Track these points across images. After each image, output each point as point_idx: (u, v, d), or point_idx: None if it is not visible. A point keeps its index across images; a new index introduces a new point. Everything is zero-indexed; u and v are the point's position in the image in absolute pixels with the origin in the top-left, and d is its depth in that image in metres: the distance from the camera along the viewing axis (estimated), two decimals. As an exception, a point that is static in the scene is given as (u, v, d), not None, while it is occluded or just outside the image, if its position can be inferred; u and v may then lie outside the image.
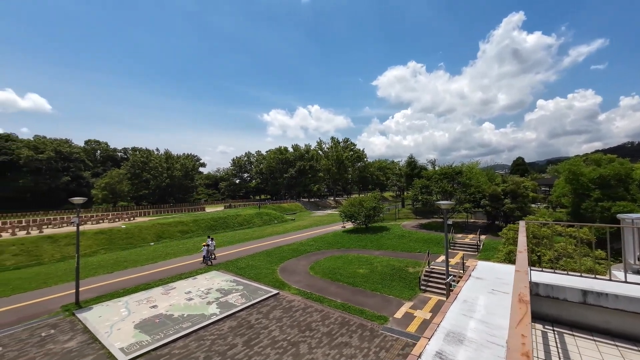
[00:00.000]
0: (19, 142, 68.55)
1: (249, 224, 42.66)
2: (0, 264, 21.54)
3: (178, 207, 62.15)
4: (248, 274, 18.70)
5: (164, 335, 10.93)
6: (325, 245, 27.05)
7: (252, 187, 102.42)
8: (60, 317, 12.85)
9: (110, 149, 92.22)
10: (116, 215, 41.98)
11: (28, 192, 63.65)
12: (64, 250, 24.95)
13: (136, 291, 15.84)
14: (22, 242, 24.15)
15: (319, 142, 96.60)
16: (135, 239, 30.09)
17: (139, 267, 21.21)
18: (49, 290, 16.71)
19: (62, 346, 10.47)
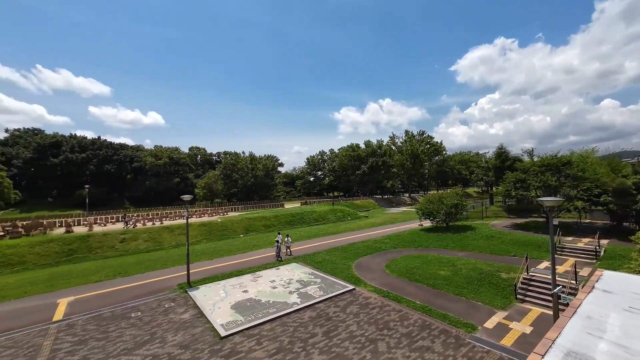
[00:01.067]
0: (145, 151, 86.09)
1: (323, 220, 44.17)
2: (136, 248, 27.55)
3: (261, 203, 68.59)
4: (325, 268, 19.43)
5: (254, 317, 12.29)
6: (401, 244, 26.07)
7: (326, 185, 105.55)
8: (177, 293, 15.73)
9: (208, 153, 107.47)
10: (214, 211, 48.94)
11: (152, 191, 79.37)
12: (178, 239, 30.34)
13: (230, 277, 18.20)
14: (150, 232, 30.38)
15: (392, 136, 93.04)
16: (228, 231, 34.48)
17: (232, 255, 24.26)
18: (168, 270, 20.58)
19: (180, 317, 12.81)
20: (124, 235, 28.62)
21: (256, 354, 9.71)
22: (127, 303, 14.65)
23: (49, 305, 14.85)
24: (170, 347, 10.33)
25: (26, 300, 15.81)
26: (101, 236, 27.61)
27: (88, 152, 72.26)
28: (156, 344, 10.58)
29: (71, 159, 69.38)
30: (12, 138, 77.70)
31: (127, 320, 12.69)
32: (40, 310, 14.17)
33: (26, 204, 64.62)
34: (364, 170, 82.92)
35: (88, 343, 10.85)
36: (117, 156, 76.28)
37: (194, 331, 11.44)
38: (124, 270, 20.71)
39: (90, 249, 25.77)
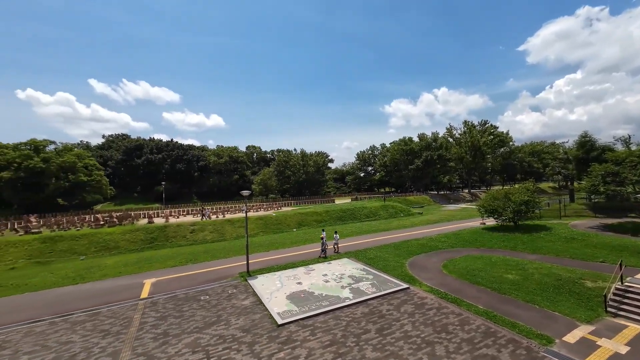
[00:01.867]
0: (209, 151, 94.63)
1: (374, 216, 43.41)
2: (203, 238, 30.61)
3: (312, 199, 70.24)
4: (377, 264, 19.14)
5: (308, 309, 12.73)
6: (460, 243, 24.30)
7: (376, 180, 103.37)
8: (238, 281, 17.10)
9: (263, 151, 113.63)
10: (269, 205, 51.74)
11: (215, 187, 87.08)
12: (238, 231, 32.87)
13: (285, 268, 19.09)
14: (214, 224, 33.47)
15: (449, 128, 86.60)
16: (282, 225, 36.14)
17: (286, 248, 25.39)
18: (230, 260, 22.45)
19: (241, 303, 13.92)
20: (193, 226, 32.05)
21: (310, 344, 10.07)
22: (197, 287, 16.42)
23: (137, 284, 17.45)
24: (233, 330, 11.30)
25: (120, 279, 18.81)
26: (175, 227, 31.35)
27: (163, 153, 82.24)
28: (222, 326, 11.68)
29: (151, 160, 79.81)
30: (107, 143, 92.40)
31: (198, 302, 14.24)
32: (131, 288, 16.74)
33: (118, 198, 76.49)
34: (417, 165, 79.03)
35: (167, 319, 12.48)
36: (186, 156, 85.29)
37: (253, 317, 12.33)
38: (194, 258, 23.22)
39: (167, 238, 29.46)
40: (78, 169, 58.84)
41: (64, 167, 56.54)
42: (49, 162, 55.13)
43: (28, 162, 53.01)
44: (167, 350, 10.04)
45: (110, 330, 11.77)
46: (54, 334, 11.63)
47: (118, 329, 11.84)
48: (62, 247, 25.76)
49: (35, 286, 17.95)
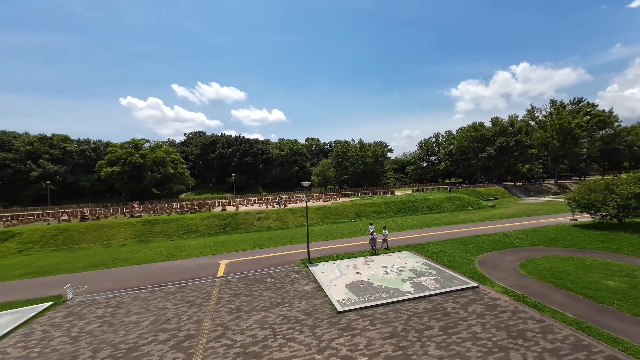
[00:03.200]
0: (272, 144, 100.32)
1: (438, 209, 40.77)
2: (268, 226, 32.94)
3: (371, 190, 69.20)
4: (441, 259, 18.06)
5: (367, 299, 12.77)
6: (542, 241, 21.30)
7: (441, 170, 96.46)
8: (300, 267, 18.03)
9: (321, 143, 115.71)
10: (327, 196, 52.82)
11: (277, 178, 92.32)
12: (299, 220, 34.45)
13: (344, 258, 19.39)
14: (278, 212, 35.67)
15: (530, 109, 75.41)
16: (341, 216, 36.58)
17: (345, 238, 25.70)
18: (292, 247, 23.73)
19: (303, 287, 14.68)
20: (259, 214, 34.70)
21: (370, 333, 10.12)
22: (264, 270, 17.85)
23: (214, 264, 19.79)
24: (296, 312, 12.03)
25: (201, 258, 21.56)
26: (244, 214, 34.38)
27: (233, 147, 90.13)
28: (286, 307, 12.53)
29: (223, 153, 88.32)
30: (188, 140, 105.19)
31: (264, 284, 15.50)
32: (209, 267, 19.08)
33: (198, 188, 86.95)
34: (489, 153, 71.10)
35: (239, 297, 13.92)
36: (252, 149, 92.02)
37: (314, 302, 12.91)
38: (261, 243, 25.21)
39: (238, 224, 32.54)
40: (167, 163, 68.45)
41: (156, 162, 66.41)
42: (146, 157, 65.28)
43: (131, 158, 63.62)
44: (239, 324, 11.24)
45: (194, 301, 13.67)
46: (153, 300, 14.03)
47: (200, 301, 13.68)
48: (157, 229, 30.62)
49: (139, 260, 21.81)
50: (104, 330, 11.33)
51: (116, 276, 18.32)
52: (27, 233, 28.52)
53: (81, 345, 10.34)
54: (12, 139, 74.24)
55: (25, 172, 68.28)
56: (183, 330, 11.04)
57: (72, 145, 77.46)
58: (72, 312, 13.22)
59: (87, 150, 77.88)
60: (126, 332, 11.10)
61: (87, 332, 11.31)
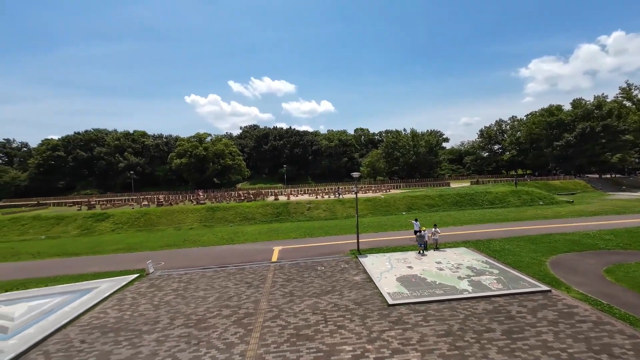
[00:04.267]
0: (321, 136, 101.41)
1: (501, 203, 37.10)
2: (318, 216, 33.71)
3: (423, 181, 65.86)
4: (504, 258, 16.52)
5: (419, 294, 12.37)
6: (636, 243, 18.03)
7: (505, 161, 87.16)
8: (349, 258, 18.18)
9: (370, 133, 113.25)
10: (377, 188, 51.83)
11: (326, 169, 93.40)
12: (348, 211, 34.55)
13: (395, 251, 18.96)
14: (327, 203, 36.26)
15: (626, 87, 63.14)
16: (391, 208, 35.65)
17: (395, 231, 25.06)
18: (341, 237, 23.97)
19: (353, 278, 14.82)
20: (309, 204, 35.67)
21: (423, 329, 9.83)
22: (314, 258, 18.43)
23: (268, 250, 21.05)
24: (346, 301, 12.23)
25: (257, 244, 23.10)
26: (295, 204, 35.69)
27: (284, 140, 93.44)
28: (336, 295, 12.81)
29: (275, 146, 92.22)
30: (243, 133, 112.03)
31: (315, 271, 16.02)
32: (264, 252, 20.37)
33: (252, 179, 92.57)
34: (567, 140, 61.89)
35: (292, 282, 14.63)
36: (302, 141, 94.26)
37: (364, 293, 12.95)
38: (311, 232, 25.98)
39: (289, 213, 33.95)
40: (225, 155, 74.10)
41: (217, 154, 72.34)
42: (208, 150, 71.48)
43: (196, 151, 70.23)
44: (293, 308, 11.86)
45: (252, 283, 14.79)
46: (217, 279, 15.56)
47: (257, 283, 14.75)
48: (218, 215, 33.60)
49: (204, 243, 24.28)
50: (178, 302, 12.97)
51: (186, 255, 20.72)
52: (118, 215, 33.78)
53: (161, 313, 12.01)
54: (104, 135, 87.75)
55: (114, 164, 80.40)
56: (243, 308, 12.06)
57: (149, 140, 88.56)
58: (153, 284, 15.38)
59: (161, 144, 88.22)
60: (196, 305, 12.55)
61: (165, 302, 13.08)
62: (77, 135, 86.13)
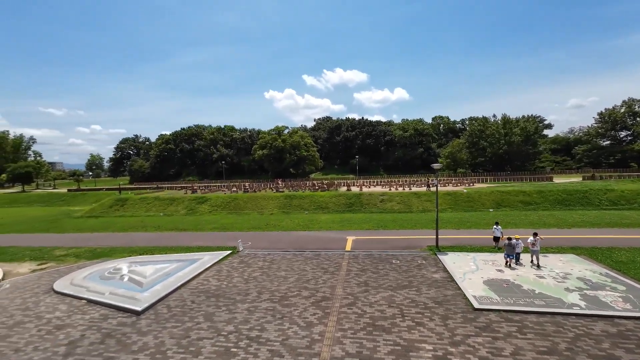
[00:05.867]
0: (394, 125, 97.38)
1: (627, 204, 29.66)
2: (391, 208, 32.76)
3: (516, 175, 57.22)
4: (634, 273, 13.23)
5: (513, 301, 10.94)
6: None
7: (637, 152, 68.75)
8: (427, 254, 17.22)
9: (451, 121, 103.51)
10: (458, 181, 47.34)
11: (399, 161, 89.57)
12: (424, 204, 32.60)
13: (481, 251, 17.14)
14: (401, 195, 34.90)
15: None
16: (475, 204, 32.16)
17: (480, 229, 22.57)
18: (417, 231, 22.83)
19: (431, 275, 14.03)
20: (382, 196, 34.93)
21: (518, 342, 8.70)
22: (388, 251, 18.07)
23: (342, 239, 21.54)
24: (425, 298, 11.68)
25: (330, 232, 23.88)
26: (368, 195, 35.42)
27: (356, 130, 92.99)
28: (413, 291, 12.36)
29: (347, 137, 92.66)
30: (317, 125, 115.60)
31: (390, 264, 15.72)
32: (338, 241, 20.92)
33: (324, 169, 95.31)
34: None
35: (366, 272, 14.70)
36: (374, 132, 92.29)
37: (445, 292, 12.13)
38: (384, 225, 25.49)
39: (362, 204, 33.93)
40: (301, 147, 78.02)
41: (293, 145, 76.76)
42: (285, 142, 76.38)
43: (275, 143, 75.83)
44: (368, 298, 11.94)
45: (327, 269, 15.42)
46: (295, 262, 16.73)
47: (333, 269, 15.31)
48: (295, 203, 35.84)
49: (283, 227, 26.29)
50: (264, 279, 14.46)
51: (268, 238, 22.83)
52: (213, 199, 39.26)
53: (250, 286, 13.60)
54: (202, 130, 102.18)
55: (210, 155, 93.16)
56: (320, 292, 12.72)
57: (236, 134, 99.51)
58: (243, 260, 17.47)
59: (246, 137, 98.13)
60: (278, 284, 13.79)
61: (253, 277, 14.74)
62: (182, 131, 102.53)
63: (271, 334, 9.63)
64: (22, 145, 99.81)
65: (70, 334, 10.20)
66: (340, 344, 8.86)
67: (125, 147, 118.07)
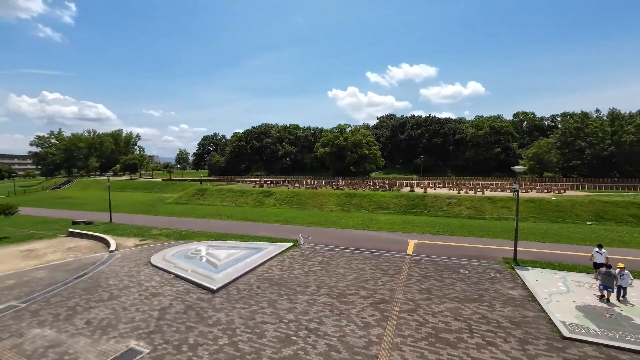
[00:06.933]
0: (466, 123, 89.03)
1: None
2: (459, 213, 30.11)
3: (625, 182, 46.78)
4: None
5: (618, 336, 9.02)
6: None
7: None
8: (502, 266, 15.36)
9: (537, 118, 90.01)
10: (544, 186, 40.96)
11: (470, 161, 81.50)
12: (499, 211, 29.12)
13: (573, 270, 14.56)
14: (471, 200, 31.80)
15: None
16: (567, 214, 27.40)
17: (574, 245, 19.16)
18: (490, 240, 20.52)
19: (507, 291, 12.47)
20: (450, 199, 32.35)
21: (624, 385, 7.16)
22: (455, 259, 16.68)
23: (402, 241, 20.67)
24: (498, 316, 10.46)
25: (390, 233, 23.13)
26: (433, 197, 33.22)
27: (422, 128, 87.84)
28: (484, 306, 11.17)
29: (411, 135, 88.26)
30: (379, 123, 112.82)
31: (457, 273, 14.49)
32: (398, 243, 20.15)
33: (387, 168, 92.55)
34: None
35: (429, 279, 13.83)
36: (442, 130, 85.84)
37: (524, 313, 10.66)
38: (451, 230, 23.61)
39: (426, 207, 31.99)
40: (362, 145, 77.26)
41: (355, 144, 76.50)
42: (347, 140, 76.53)
43: (337, 141, 76.58)
44: (431, 306, 11.24)
45: (387, 271, 15.00)
46: (354, 260, 16.70)
47: (392, 272, 14.83)
48: (355, 201, 35.72)
49: (342, 225, 26.48)
50: (323, 274, 14.81)
51: (328, 234, 23.27)
52: (278, 193, 41.71)
53: (310, 280, 14.09)
54: (269, 128, 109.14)
55: (276, 152, 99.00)
56: (379, 293, 12.46)
57: (300, 132, 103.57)
58: (304, 254, 18.18)
59: (309, 135, 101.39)
60: (337, 280, 13.97)
61: (312, 271, 15.23)
62: (253, 129, 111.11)
63: (329, 328, 9.83)
64: (131, 141, 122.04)
65: (162, 301, 12.06)
66: (400, 351, 8.56)
67: (206, 144, 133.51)
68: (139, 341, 9.32)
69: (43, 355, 8.70)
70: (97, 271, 15.77)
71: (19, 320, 10.80)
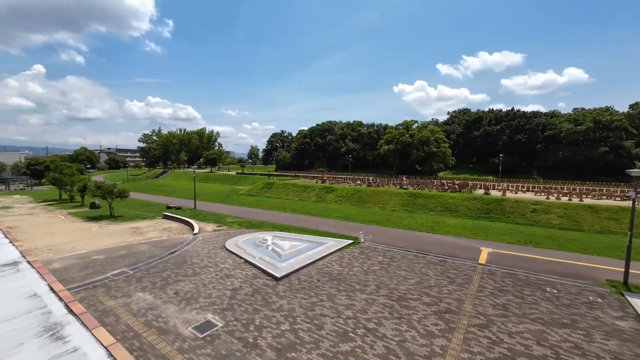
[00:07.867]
0: (561, 117, 75.74)
1: None
2: (548, 222, 25.88)
3: None
4: None
5: None
6: None
7: None
8: (606, 290, 12.70)
9: (666, 108, 71.19)
10: (673, 196, 32.27)
11: (565, 162, 69.10)
12: (603, 223, 24.08)
13: None
14: (565, 207, 27.00)
15: None
16: None
17: None
18: (588, 258, 17.15)
19: (611, 320, 10.28)
20: (535, 205, 28.05)
21: None
22: (540, 274, 14.44)
23: (474, 248, 18.77)
24: (597, 348, 8.71)
25: (459, 239, 21.22)
26: (513, 202, 29.27)
27: (502, 124, 77.97)
28: (578, 334, 9.43)
29: (488, 131, 79.15)
30: (450, 118, 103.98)
31: (541, 291, 12.54)
32: (468, 250, 18.37)
33: (457, 168, 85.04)
34: None
35: (506, 295, 12.27)
36: (528, 125, 74.81)
37: (636, 351, 8.66)
38: (535, 241, 20.51)
39: (504, 212, 28.39)
40: (430, 142, 72.49)
41: (421, 141, 72.24)
42: (413, 137, 72.77)
43: (402, 138, 73.48)
44: (507, 325, 9.98)
45: (454, 280, 13.84)
46: (417, 264, 15.85)
47: (460, 281, 13.61)
48: (419, 202, 33.80)
49: (405, 226, 25.36)
50: (382, 274, 14.46)
51: (389, 234, 22.57)
52: (339, 190, 42.10)
53: (369, 279, 13.90)
54: (333, 125, 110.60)
55: (339, 148, 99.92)
56: (444, 302, 11.60)
57: (363, 129, 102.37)
58: (363, 252, 18.02)
59: (372, 132, 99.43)
60: (397, 282, 13.47)
61: (372, 270, 15.00)
62: (317, 126, 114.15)
63: (388, 330, 9.58)
64: (212, 138, 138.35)
65: (234, 283, 13.40)
66: (467, 367, 7.85)
67: (274, 141, 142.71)
68: (214, 315, 10.56)
69: (144, 315, 10.55)
70: (183, 250, 18.35)
71: (128, 284, 13.29)
